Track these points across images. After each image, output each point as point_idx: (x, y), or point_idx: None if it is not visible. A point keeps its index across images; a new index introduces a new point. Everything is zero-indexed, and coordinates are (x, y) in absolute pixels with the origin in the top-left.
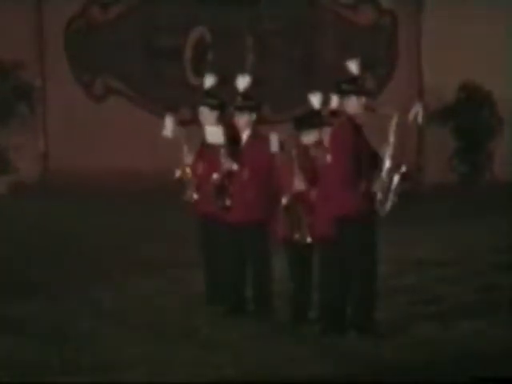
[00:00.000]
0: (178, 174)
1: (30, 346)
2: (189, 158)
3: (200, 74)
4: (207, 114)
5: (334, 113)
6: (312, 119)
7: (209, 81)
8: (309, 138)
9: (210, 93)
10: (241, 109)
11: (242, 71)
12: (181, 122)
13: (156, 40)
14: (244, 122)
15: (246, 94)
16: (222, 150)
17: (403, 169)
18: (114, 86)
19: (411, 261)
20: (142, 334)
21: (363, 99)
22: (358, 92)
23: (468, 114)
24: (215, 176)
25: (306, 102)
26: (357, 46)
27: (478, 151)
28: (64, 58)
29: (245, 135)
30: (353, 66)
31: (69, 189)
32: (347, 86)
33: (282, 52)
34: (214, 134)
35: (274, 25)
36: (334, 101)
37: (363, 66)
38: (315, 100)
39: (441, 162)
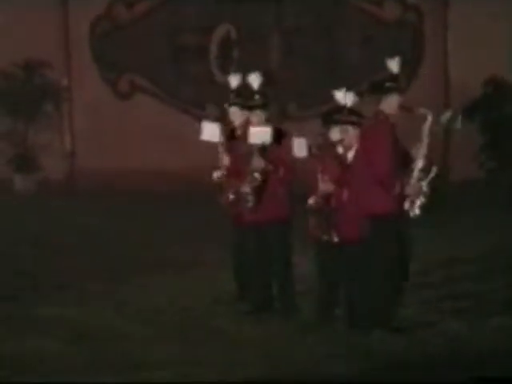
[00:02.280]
0: (215, 175)
1: (56, 346)
2: (225, 160)
3: (226, 72)
4: (237, 113)
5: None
6: (339, 116)
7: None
8: (336, 134)
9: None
10: (252, 107)
11: (268, 68)
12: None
13: (181, 37)
14: (256, 120)
15: (259, 92)
16: (256, 150)
17: (434, 171)
18: (139, 84)
19: (438, 258)
20: (169, 333)
21: (400, 98)
22: (399, 90)
23: (494, 109)
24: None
25: (332, 98)
26: (382, 42)
27: (504, 147)
28: (90, 57)
29: None
30: (393, 64)
31: (95, 187)
32: (389, 84)
33: (308, 49)
34: (261, 134)
35: (299, 21)
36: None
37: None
38: (340, 96)
39: (467, 158)
